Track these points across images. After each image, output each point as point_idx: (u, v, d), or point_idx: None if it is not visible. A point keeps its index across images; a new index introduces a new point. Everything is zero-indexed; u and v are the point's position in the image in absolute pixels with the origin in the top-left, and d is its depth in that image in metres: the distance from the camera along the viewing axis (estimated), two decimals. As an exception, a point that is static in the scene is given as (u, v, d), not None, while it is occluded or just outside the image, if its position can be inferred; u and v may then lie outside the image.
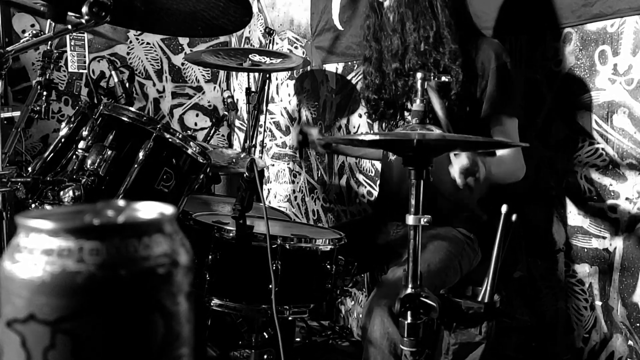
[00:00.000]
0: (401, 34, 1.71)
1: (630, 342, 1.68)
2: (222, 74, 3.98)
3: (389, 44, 1.76)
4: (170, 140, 1.55)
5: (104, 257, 0.39)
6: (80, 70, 3.44)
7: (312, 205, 3.14)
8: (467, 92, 1.68)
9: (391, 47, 1.75)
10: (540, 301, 1.93)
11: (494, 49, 1.70)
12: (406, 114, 1.85)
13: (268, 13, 3.47)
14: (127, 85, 2.35)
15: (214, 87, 3.97)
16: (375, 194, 2.60)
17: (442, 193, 1.79)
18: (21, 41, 1.50)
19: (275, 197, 3.47)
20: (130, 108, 1.60)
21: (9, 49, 1.38)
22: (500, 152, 1.68)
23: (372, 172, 2.67)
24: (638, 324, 1.67)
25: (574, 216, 1.81)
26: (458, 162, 1.40)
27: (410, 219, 1.16)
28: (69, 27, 1.39)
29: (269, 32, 3.07)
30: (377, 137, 1.36)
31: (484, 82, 1.69)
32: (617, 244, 1.71)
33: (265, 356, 1.73)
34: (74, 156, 1.52)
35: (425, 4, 1.67)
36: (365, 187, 2.73)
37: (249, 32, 3.76)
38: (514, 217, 1.28)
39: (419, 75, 1.23)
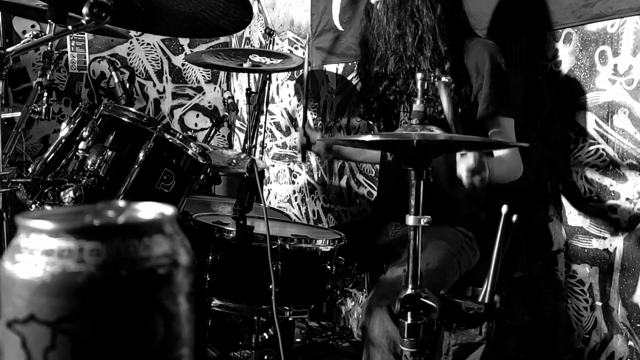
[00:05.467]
0: (386, 39, 1.73)
1: (630, 343, 1.68)
2: (222, 74, 3.98)
3: (374, 47, 1.78)
4: (170, 140, 1.55)
5: (104, 257, 0.39)
6: (81, 71, 3.44)
7: (312, 205, 3.14)
8: (462, 93, 1.69)
9: (376, 50, 1.78)
10: (540, 301, 1.93)
11: (488, 50, 1.70)
12: (401, 114, 1.86)
13: (268, 14, 3.47)
14: (127, 85, 2.35)
15: (214, 88, 3.97)
16: (376, 194, 2.60)
17: (440, 192, 1.80)
18: (22, 42, 1.50)
19: (275, 197, 3.48)
20: (131, 109, 1.60)
21: (9, 49, 1.38)
22: (498, 152, 1.69)
23: (372, 173, 2.67)
24: (638, 325, 1.66)
25: (574, 216, 1.81)
26: (465, 162, 1.41)
27: (410, 220, 1.16)
28: (70, 27, 1.39)
29: (269, 33, 3.07)
30: (378, 138, 1.36)
31: (479, 83, 1.70)
32: (617, 245, 1.70)
33: (265, 357, 1.73)
34: (74, 157, 1.52)
35: (412, 9, 1.68)
36: (366, 187, 2.73)
37: (249, 32, 3.76)
38: (514, 217, 1.28)
39: (419, 75, 1.23)
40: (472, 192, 1.58)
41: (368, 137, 1.23)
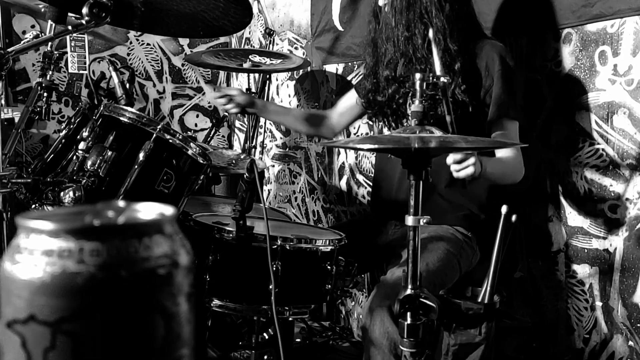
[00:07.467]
0: (394, 41, 1.73)
1: (630, 343, 1.68)
2: (222, 74, 3.98)
3: (383, 50, 1.78)
4: (170, 141, 1.55)
5: (104, 258, 0.39)
6: (81, 71, 3.44)
7: (312, 205, 3.14)
8: (469, 94, 1.68)
9: (385, 53, 1.77)
10: (540, 302, 1.93)
11: (498, 51, 1.70)
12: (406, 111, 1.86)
13: (268, 14, 3.47)
14: (127, 86, 2.35)
15: (214, 88, 3.97)
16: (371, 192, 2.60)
17: (440, 192, 1.80)
18: (21, 42, 1.50)
19: (275, 197, 3.47)
20: (131, 109, 1.60)
21: (9, 49, 1.38)
22: (501, 154, 1.68)
23: (372, 173, 2.67)
24: (639, 325, 1.67)
25: (574, 217, 1.81)
26: (451, 155, 1.43)
27: (409, 220, 1.16)
28: (69, 28, 1.39)
29: (269, 33, 3.07)
30: (375, 146, 1.36)
31: (488, 84, 1.69)
32: (617, 245, 1.71)
33: (265, 357, 1.73)
34: (74, 157, 1.52)
35: (420, 11, 1.67)
36: (366, 187, 2.73)
37: (249, 32, 3.76)
38: (514, 217, 1.29)
39: (417, 76, 1.23)
40: (461, 189, 1.59)
41: (367, 146, 1.22)
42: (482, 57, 1.71)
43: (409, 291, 1.15)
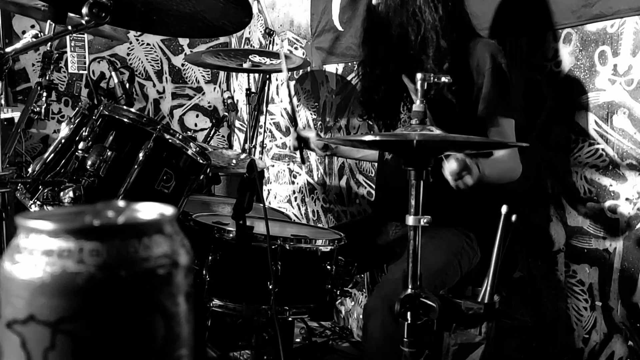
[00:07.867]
0: (387, 39, 1.73)
1: (630, 343, 1.68)
2: (222, 74, 3.98)
3: (377, 48, 1.78)
4: (170, 141, 1.55)
5: (104, 258, 0.39)
6: (80, 71, 3.44)
7: (312, 205, 3.14)
8: (463, 93, 1.68)
9: (378, 51, 1.78)
10: (540, 302, 1.93)
11: (489, 49, 1.70)
12: (402, 114, 1.86)
13: (268, 14, 3.47)
14: (127, 86, 2.35)
15: (214, 88, 3.97)
16: (374, 193, 2.60)
17: (440, 192, 1.79)
18: (21, 42, 1.50)
19: (275, 197, 3.48)
20: (131, 109, 1.60)
21: (9, 49, 1.38)
22: (495, 153, 1.68)
23: (371, 173, 2.67)
24: (638, 325, 1.67)
25: (574, 217, 1.81)
26: (448, 166, 1.42)
27: (410, 220, 1.16)
28: (69, 27, 1.39)
29: (269, 33, 3.07)
30: (377, 138, 1.36)
31: (480, 83, 1.69)
32: (617, 245, 1.71)
33: (265, 357, 1.73)
34: (74, 157, 1.52)
35: (413, 9, 1.68)
36: (365, 187, 2.73)
37: (249, 32, 3.76)
38: (513, 217, 1.29)
39: (419, 75, 1.23)
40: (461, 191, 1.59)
41: (368, 138, 1.23)
42: (473, 57, 1.71)
43: (409, 291, 1.15)
